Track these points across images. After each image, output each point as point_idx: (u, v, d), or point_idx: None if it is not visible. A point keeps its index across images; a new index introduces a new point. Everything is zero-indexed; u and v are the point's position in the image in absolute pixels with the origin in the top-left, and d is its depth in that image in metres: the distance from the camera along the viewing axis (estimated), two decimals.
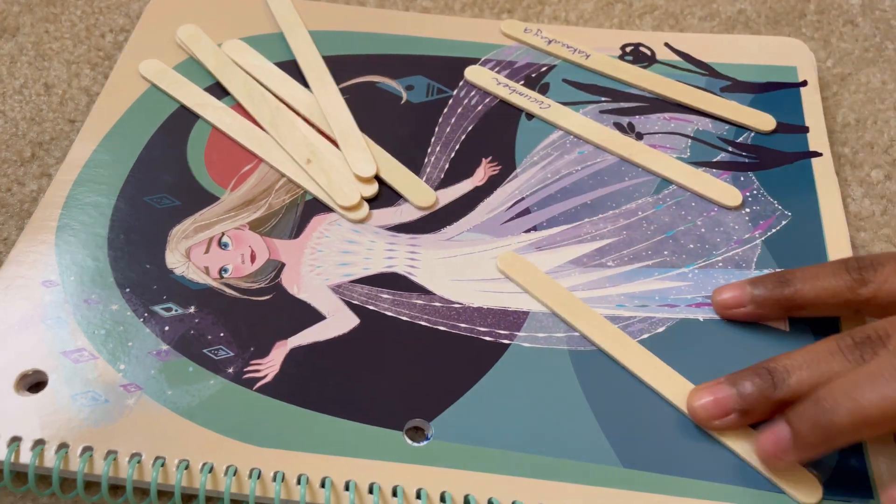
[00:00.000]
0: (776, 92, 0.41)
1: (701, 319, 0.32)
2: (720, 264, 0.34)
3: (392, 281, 0.33)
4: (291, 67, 0.41)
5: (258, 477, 0.28)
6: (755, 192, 0.37)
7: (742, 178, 0.37)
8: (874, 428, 0.25)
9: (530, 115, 0.40)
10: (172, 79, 0.40)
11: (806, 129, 0.39)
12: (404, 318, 0.32)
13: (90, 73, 0.41)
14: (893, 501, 0.26)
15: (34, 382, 0.30)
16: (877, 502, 0.28)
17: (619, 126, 0.39)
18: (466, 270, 0.34)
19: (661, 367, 0.31)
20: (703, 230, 0.35)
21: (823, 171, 0.37)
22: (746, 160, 0.38)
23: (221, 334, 0.31)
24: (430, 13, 0.45)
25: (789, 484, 0.28)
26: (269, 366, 0.30)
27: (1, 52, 0.42)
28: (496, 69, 0.41)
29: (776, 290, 0.30)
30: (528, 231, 0.35)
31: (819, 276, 0.30)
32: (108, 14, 0.44)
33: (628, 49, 0.43)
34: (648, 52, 0.42)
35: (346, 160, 0.37)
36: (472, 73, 0.41)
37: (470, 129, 0.39)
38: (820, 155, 0.38)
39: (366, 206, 0.36)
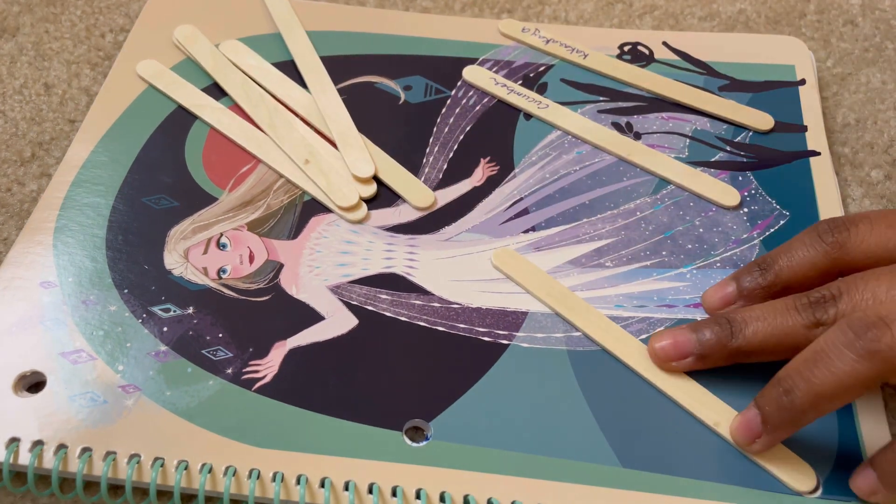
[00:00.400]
0: (774, 91, 0.41)
1: (699, 320, 0.32)
2: (718, 264, 0.34)
3: (391, 281, 0.33)
4: (289, 68, 0.41)
5: (257, 477, 0.27)
6: (753, 191, 0.37)
7: (740, 178, 0.37)
8: (832, 402, 0.26)
9: (528, 116, 0.40)
10: (170, 79, 0.40)
11: (804, 128, 0.39)
12: (403, 319, 0.32)
13: (90, 73, 0.41)
14: (860, 489, 0.27)
15: (32, 383, 0.30)
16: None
17: (617, 126, 0.39)
18: (465, 271, 0.34)
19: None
20: (701, 230, 0.35)
21: (822, 170, 0.37)
22: (745, 159, 0.38)
23: (220, 335, 0.31)
24: (430, 13, 0.45)
25: (784, 472, 0.28)
26: (268, 366, 0.30)
27: (1, 52, 0.42)
28: (494, 69, 0.41)
29: (760, 279, 0.31)
30: (526, 231, 0.35)
31: (793, 251, 0.30)
32: (108, 14, 0.44)
33: (626, 48, 0.43)
34: (646, 52, 0.42)
35: (345, 161, 0.37)
36: (470, 73, 0.41)
37: (468, 129, 0.39)
38: (818, 154, 0.38)
39: (364, 206, 0.36)
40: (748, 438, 0.28)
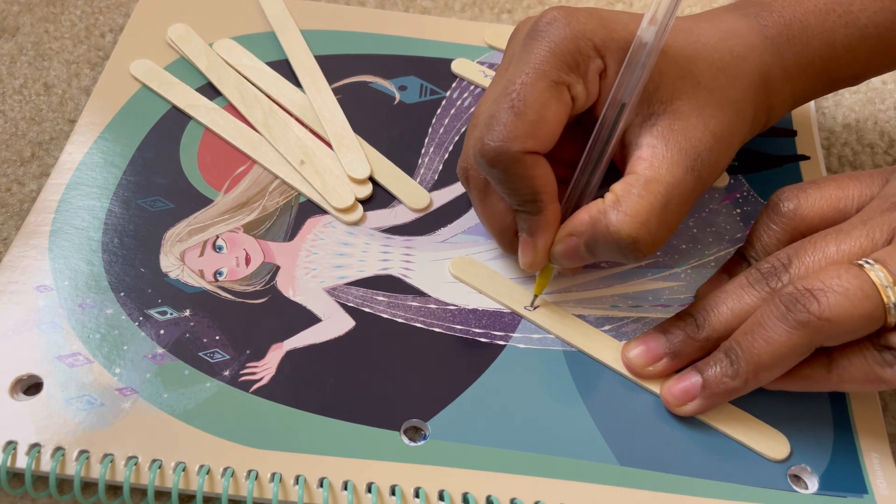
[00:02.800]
0: None
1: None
2: (713, 264, 0.35)
3: (387, 283, 0.33)
4: (284, 67, 0.41)
5: (255, 478, 0.28)
6: (745, 193, 0.37)
7: (732, 181, 0.38)
8: (771, 371, 0.28)
9: None
10: (164, 79, 0.39)
11: (793, 133, 0.40)
12: (400, 320, 0.32)
13: (90, 73, 0.41)
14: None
15: (29, 386, 0.30)
16: (871, 497, 0.28)
17: None
18: None
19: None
20: (695, 230, 0.36)
21: (812, 173, 0.38)
22: (736, 163, 0.38)
23: (217, 337, 0.31)
24: (430, 13, 0.45)
25: (759, 443, 0.29)
26: (265, 368, 0.30)
27: (1, 52, 0.41)
28: None
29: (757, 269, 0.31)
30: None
31: (761, 235, 0.31)
32: (108, 14, 0.44)
33: None
34: None
35: (340, 162, 0.37)
36: (459, 66, 0.41)
37: (463, 130, 0.39)
38: (808, 158, 0.38)
39: (360, 207, 0.36)
40: (682, 401, 0.29)
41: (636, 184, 0.28)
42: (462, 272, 0.34)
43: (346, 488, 0.28)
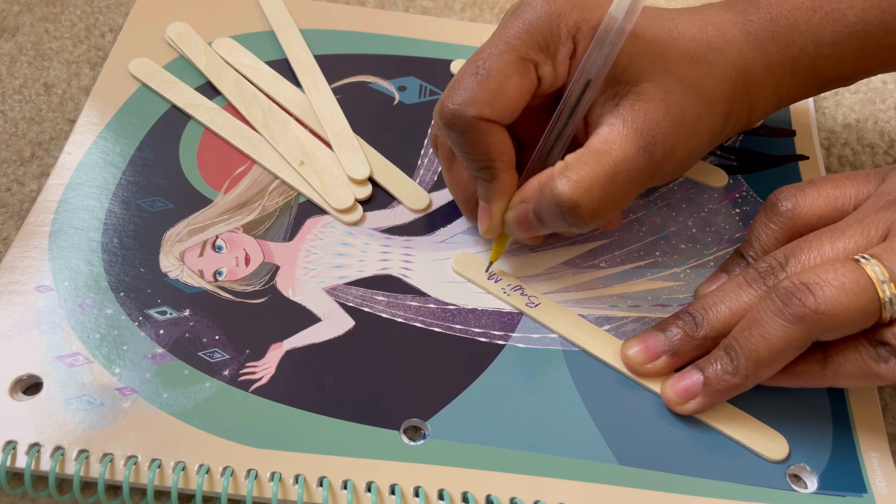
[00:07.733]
0: None
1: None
2: (711, 264, 0.35)
3: (387, 283, 0.33)
4: (283, 66, 0.41)
5: (255, 477, 0.28)
6: (744, 193, 0.37)
7: (731, 181, 0.38)
8: (770, 367, 0.28)
9: None
10: (163, 78, 0.39)
11: (793, 133, 0.40)
12: (399, 320, 0.32)
13: (90, 73, 0.41)
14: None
15: (29, 386, 0.30)
16: (870, 496, 0.29)
17: None
18: None
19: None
20: (694, 230, 0.36)
21: (811, 173, 0.38)
22: (735, 163, 0.38)
23: (216, 337, 0.31)
24: (429, 14, 0.45)
25: (757, 443, 0.29)
26: (265, 368, 0.30)
27: (1, 52, 0.41)
28: None
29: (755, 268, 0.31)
30: None
31: (759, 234, 0.31)
32: (107, 14, 0.44)
33: None
34: None
35: (340, 162, 0.37)
36: (458, 67, 0.41)
37: None
38: (807, 158, 0.38)
39: (360, 208, 0.36)
40: (684, 399, 0.29)
41: (586, 153, 0.29)
42: (464, 268, 0.34)
43: (345, 487, 0.28)
